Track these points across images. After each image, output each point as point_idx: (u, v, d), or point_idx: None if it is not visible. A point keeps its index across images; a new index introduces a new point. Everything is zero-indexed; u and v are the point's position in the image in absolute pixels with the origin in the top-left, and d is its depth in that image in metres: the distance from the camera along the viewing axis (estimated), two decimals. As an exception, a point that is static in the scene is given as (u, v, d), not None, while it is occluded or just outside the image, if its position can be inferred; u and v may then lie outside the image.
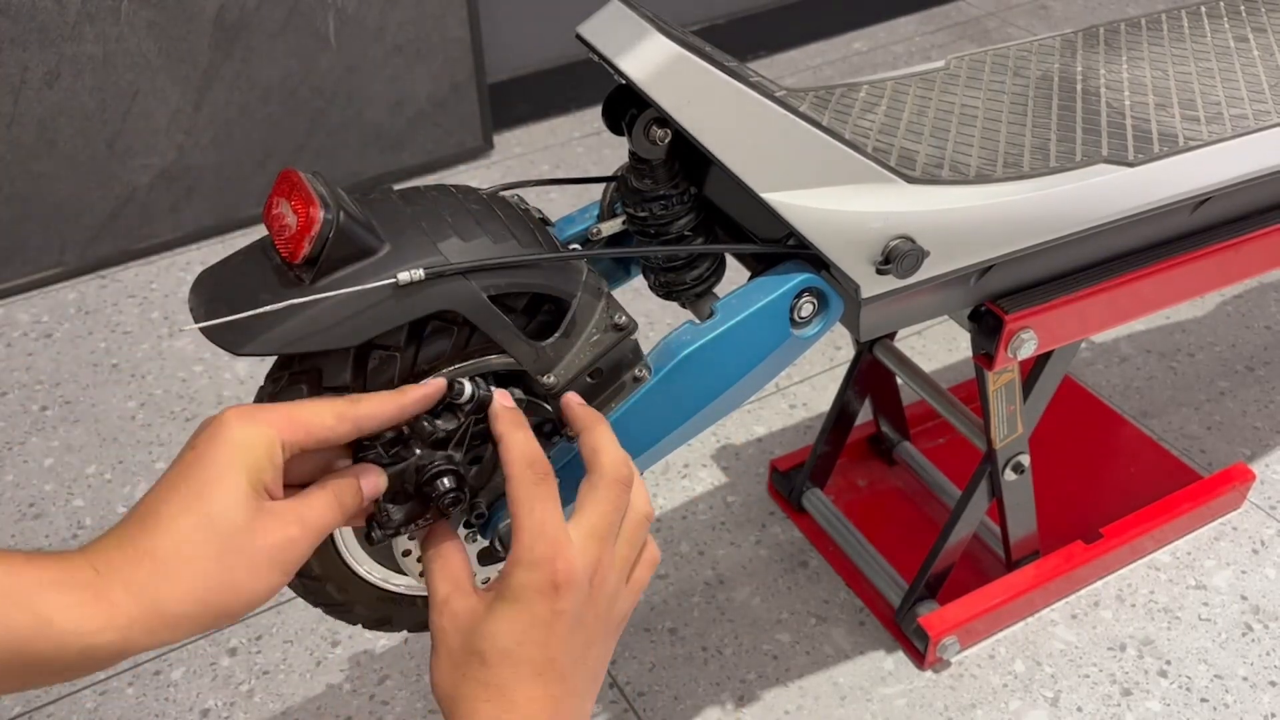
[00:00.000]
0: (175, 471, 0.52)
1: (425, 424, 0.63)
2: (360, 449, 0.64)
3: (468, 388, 0.62)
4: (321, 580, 0.71)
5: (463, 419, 0.64)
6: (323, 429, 0.55)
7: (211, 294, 0.61)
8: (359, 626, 0.78)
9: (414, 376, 0.65)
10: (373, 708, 1.06)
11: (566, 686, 0.55)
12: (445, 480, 0.63)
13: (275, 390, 0.64)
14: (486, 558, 0.76)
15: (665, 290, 0.79)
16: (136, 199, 1.67)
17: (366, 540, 0.70)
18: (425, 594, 0.77)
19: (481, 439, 0.66)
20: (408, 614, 0.78)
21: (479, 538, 0.73)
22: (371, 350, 0.63)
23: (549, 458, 0.70)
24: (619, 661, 1.09)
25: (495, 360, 0.67)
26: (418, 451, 0.63)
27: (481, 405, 0.63)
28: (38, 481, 1.32)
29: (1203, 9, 1.05)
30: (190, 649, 1.12)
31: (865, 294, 0.75)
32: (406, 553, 0.73)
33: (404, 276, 0.59)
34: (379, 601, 0.75)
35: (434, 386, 0.61)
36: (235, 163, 1.73)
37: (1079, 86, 0.91)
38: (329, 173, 1.82)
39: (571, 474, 0.71)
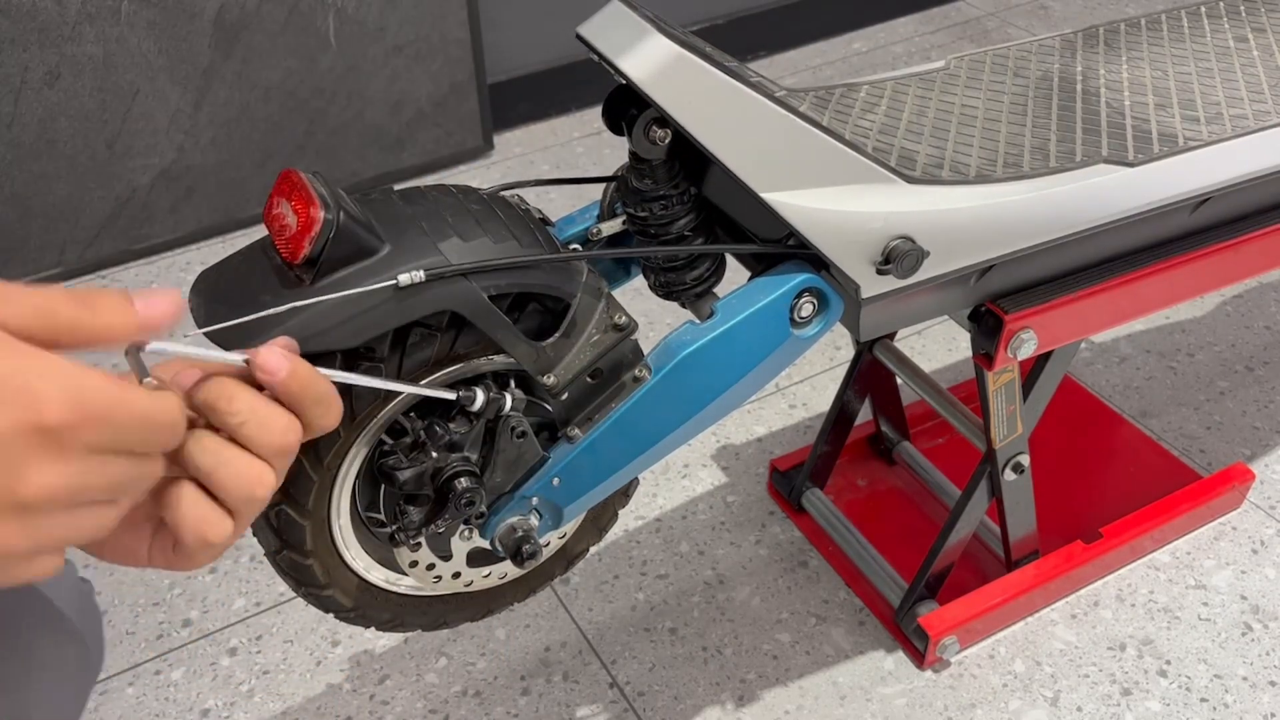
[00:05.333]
0: None
1: (439, 429, 0.65)
2: (381, 454, 0.67)
3: (479, 395, 0.64)
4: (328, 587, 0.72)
5: (475, 423, 0.66)
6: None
7: (212, 295, 0.61)
8: (360, 627, 0.78)
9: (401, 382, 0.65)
10: (373, 707, 1.06)
11: None
12: (463, 480, 0.65)
13: None
14: (478, 559, 0.76)
15: (665, 290, 0.79)
16: (136, 199, 1.67)
17: (390, 543, 0.71)
18: (425, 596, 0.77)
19: (488, 442, 0.68)
20: (415, 615, 0.78)
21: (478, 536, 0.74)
22: (358, 356, 0.63)
23: (548, 457, 0.70)
24: (618, 661, 1.09)
25: (483, 363, 0.67)
26: (434, 455, 0.65)
27: (496, 409, 0.66)
28: (38, 481, 1.32)
29: (1203, 9, 1.05)
30: (190, 649, 1.12)
31: (865, 294, 0.75)
32: (414, 564, 0.73)
33: (404, 278, 0.59)
34: (389, 605, 0.75)
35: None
36: (235, 163, 1.72)
37: (1079, 87, 0.91)
38: (329, 173, 1.82)
39: (571, 475, 0.71)
